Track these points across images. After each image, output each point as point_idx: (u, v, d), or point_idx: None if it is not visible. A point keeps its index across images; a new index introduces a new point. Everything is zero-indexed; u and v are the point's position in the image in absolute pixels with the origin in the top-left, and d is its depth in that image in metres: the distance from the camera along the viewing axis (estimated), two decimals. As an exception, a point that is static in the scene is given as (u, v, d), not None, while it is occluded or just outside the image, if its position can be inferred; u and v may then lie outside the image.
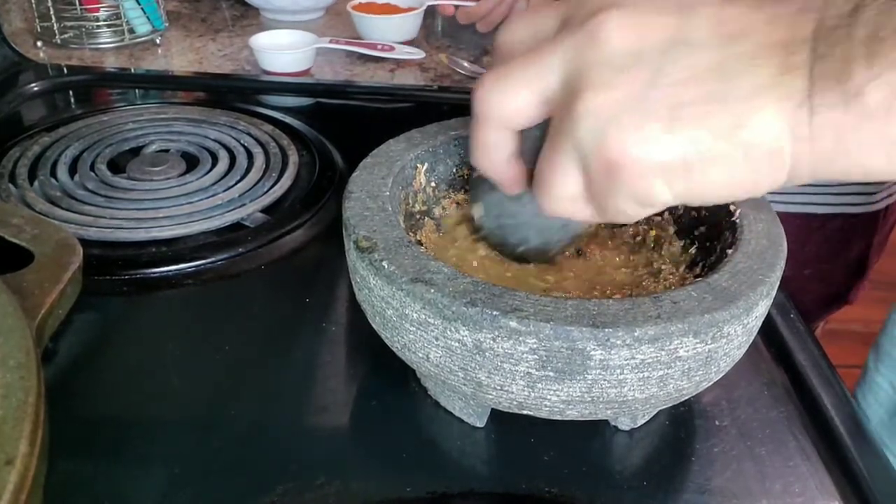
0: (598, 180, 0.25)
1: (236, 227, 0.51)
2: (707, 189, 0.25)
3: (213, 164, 0.57)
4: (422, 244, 0.39)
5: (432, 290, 0.29)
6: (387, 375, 0.39)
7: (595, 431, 0.37)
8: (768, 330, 0.44)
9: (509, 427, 0.36)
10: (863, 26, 0.22)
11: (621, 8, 0.25)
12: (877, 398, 0.55)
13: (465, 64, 0.82)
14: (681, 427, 0.37)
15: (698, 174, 0.24)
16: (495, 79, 0.27)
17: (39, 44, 0.83)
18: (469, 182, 0.40)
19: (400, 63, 0.83)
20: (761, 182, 0.24)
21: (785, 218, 0.36)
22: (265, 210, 0.53)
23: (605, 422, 0.37)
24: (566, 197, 0.27)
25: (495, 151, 0.29)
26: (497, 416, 0.36)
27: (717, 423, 0.38)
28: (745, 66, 0.23)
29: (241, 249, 0.49)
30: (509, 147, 0.29)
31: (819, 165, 0.23)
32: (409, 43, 0.85)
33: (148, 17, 0.85)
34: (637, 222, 0.41)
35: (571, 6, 0.27)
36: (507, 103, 0.27)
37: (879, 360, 0.56)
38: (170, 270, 0.47)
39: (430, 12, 0.92)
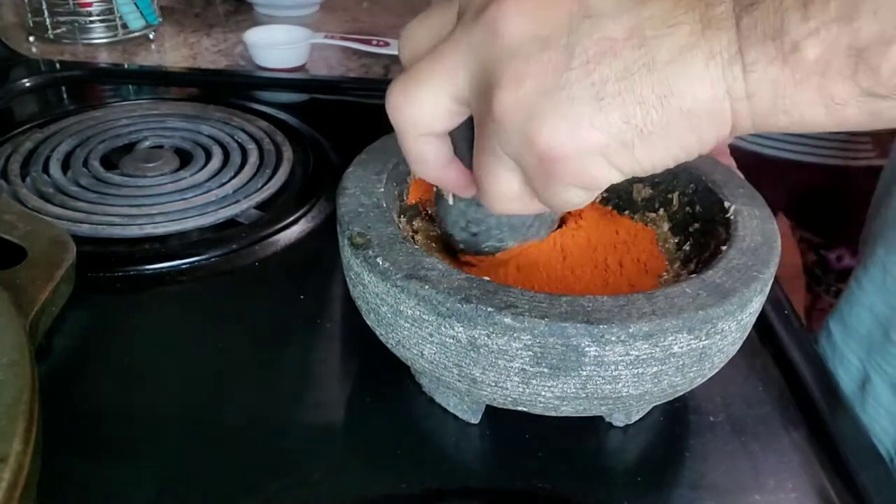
0: (535, 176, 0.24)
1: (230, 223, 0.51)
2: (653, 159, 0.23)
3: (207, 161, 0.57)
4: (416, 235, 0.39)
5: (427, 287, 0.29)
6: (381, 372, 0.39)
7: (590, 427, 0.37)
8: (763, 326, 0.44)
9: (504, 423, 0.36)
10: None
11: None
12: (847, 372, 0.56)
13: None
14: (675, 423, 0.37)
15: (640, 148, 0.23)
16: (402, 87, 0.26)
17: (32, 39, 0.82)
18: (434, 200, 0.38)
19: (395, 58, 0.83)
20: (705, 140, 0.23)
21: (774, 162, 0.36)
22: (259, 206, 0.53)
23: (600, 418, 0.37)
24: (510, 197, 0.26)
25: (427, 160, 0.28)
26: (492, 413, 0.36)
27: (711, 418, 0.38)
28: (662, 29, 0.22)
29: (234, 246, 0.48)
30: (440, 152, 0.28)
31: (760, 119, 0.22)
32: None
33: (141, 13, 0.84)
34: (632, 219, 0.41)
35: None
36: (420, 111, 0.26)
37: (848, 334, 0.57)
38: (163, 267, 0.46)
39: (424, 6, 0.91)
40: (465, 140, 0.28)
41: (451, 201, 0.35)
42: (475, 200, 0.32)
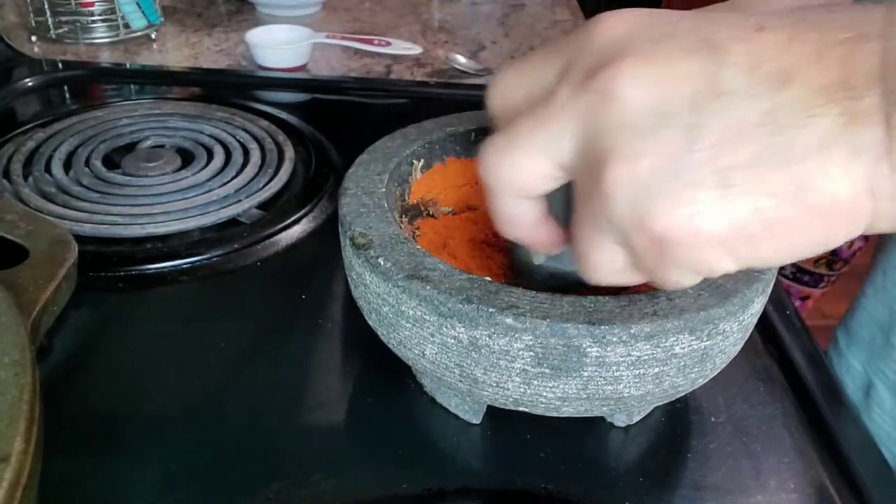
0: (645, 257, 0.23)
1: (232, 223, 0.51)
2: (775, 254, 0.22)
3: (209, 160, 0.57)
4: (417, 231, 0.39)
5: (428, 287, 0.29)
6: (383, 372, 0.39)
7: (591, 428, 0.37)
8: (764, 326, 0.44)
9: (505, 423, 0.36)
10: None
11: (635, 56, 0.21)
12: (852, 379, 0.56)
13: (462, 59, 0.81)
14: (677, 423, 0.37)
15: (764, 242, 0.21)
16: (501, 147, 0.24)
17: (34, 39, 0.83)
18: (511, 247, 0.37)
19: (397, 58, 0.83)
20: (836, 239, 0.21)
21: None
22: (261, 206, 0.53)
23: (601, 418, 0.37)
24: (611, 271, 0.24)
25: (518, 221, 0.27)
26: (493, 413, 0.36)
27: (712, 419, 0.38)
28: (800, 117, 0.20)
29: (236, 245, 0.48)
30: (532, 214, 0.26)
31: None
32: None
33: (143, 12, 0.84)
34: None
35: (570, 52, 0.23)
36: (519, 174, 0.24)
37: (852, 341, 0.57)
38: (165, 267, 0.46)
39: (427, 5, 0.92)
40: (559, 198, 0.27)
41: (536, 261, 0.33)
42: (560, 254, 0.31)
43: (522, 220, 0.27)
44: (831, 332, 0.62)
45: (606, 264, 0.24)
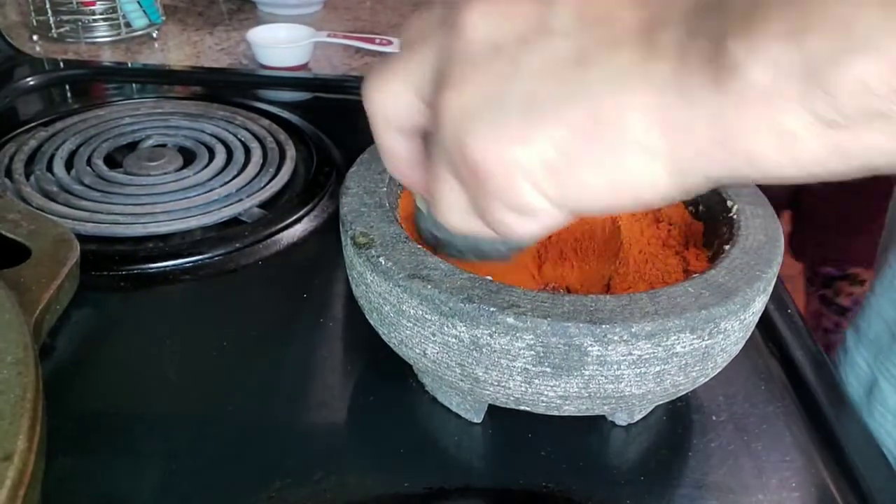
0: (469, 188, 0.23)
1: (233, 222, 0.51)
2: (583, 193, 0.22)
3: (210, 159, 0.57)
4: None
5: (429, 287, 0.29)
6: (385, 371, 0.39)
7: (592, 427, 0.37)
8: (766, 325, 0.44)
9: (507, 422, 0.36)
10: None
11: None
12: (857, 377, 0.56)
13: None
14: (678, 422, 0.37)
15: (567, 176, 0.21)
16: (375, 77, 0.25)
17: (35, 38, 0.83)
18: None
19: (397, 57, 0.82)
20: (640, 185, 0.21)
21: None
22: (262, 205, 0.53)
23: (603, 417, 0.37)
24: (455, 210, 0.25)
25: (395, 156, 0.27)
26: (494, 412, 0.36)
27: (714, 418, 0.38)
28: (606, 53, 0.20)
29: (238, 245, 0.49)
30: (407, 150, 0.27)
31: (704, 163, 0.20)
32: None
33: (144, 11, 0.84)
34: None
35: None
36: (386, 102, 0.25)
37: (859, 340, 0.57)
38: (167, 266, 0.47)
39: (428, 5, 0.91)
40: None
41: (422, 208, 0.33)
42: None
43: (398, 156, 0.27)
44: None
45: (452, 203, 0.25)
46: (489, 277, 0.30)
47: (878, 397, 0.53)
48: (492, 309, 0.28)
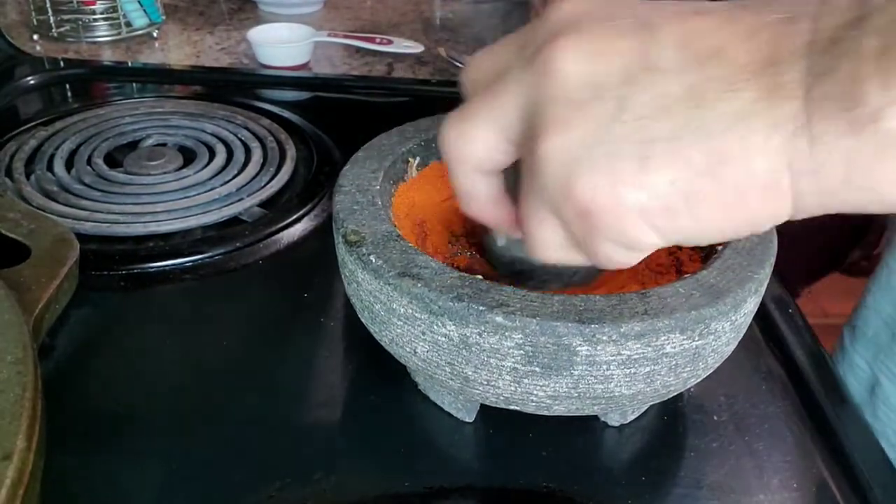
0: (574, 228, 0.23)
1: (234, 221, 0.51)
2: (699, 229, 0.22)
3: (211, 159, 0.57)
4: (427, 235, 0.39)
5: (419, 285, 0.29)
6: (384, 370, 0.39)
7: (585, 427, 0.37)
8: (766, 324, 0.44)
9: (498, 422, 0.36)
10: (873, 37, 0.18)
11: (577, 33, 0.22)
12: (857, 377, 0.56)
13: (464, 57, 0.81)
14: (679, 422, 0.37)
15: (684, 215, 0.21)
16: (456, 120, 0.25)
17: (36, 37, 0.83)
18: (482, 234, 0.37)
19: (398, 57, 0.83)
20: (760, 218, 0.22)
21: None
22: (263, 204, 0.53)
23: (596, 417, 0.37)
24: (552, 245, 0.25)
25: (475, 196, 0.27)
26: (486, 412, 0.36)
27: (714, 418, 0.38)
28: (722, 92, 0.20)
29: (238, 244, 0.49)
30: (488, 190, 0.27)
31: (828, 198, 0.20)
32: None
33: (145, 11, 0.84)
34: None
35: (527, 33, 0.24)
36: (470, 147, 0.25)
37: (856, 338, 0.57)
38: (167, 265, 0.47)
39: (428, 4, 0.92)
40: (516, 179, 0.27)
41: (499, 242, 0.34)
42: (520, 240, 0.31)
43: (478, 196, 0.27)
44: (831, 330, 0.62)
45: (548, 239, 0.25)
46: (479, 277, 0.30)
47: (880, 397, 0.53)
48: (481, 308, 0.28)
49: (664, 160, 0.21)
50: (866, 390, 0.55)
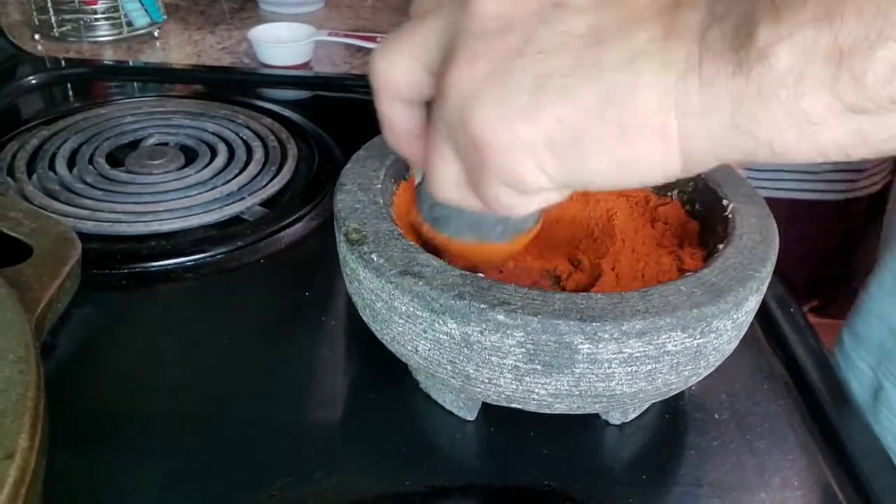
0: (468, 163, 0.23)
1: (235, 220, 0.51)
2: (585, 172, 0.22)
3: (212, 158, 0.57)
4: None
5: (421, 283, 0.29)
6: (386, 369, 0.39)
7: (587, 425, 0.37)
8: (768, 323, 0.44)
9: (500, 420, 0.36)
10: None
11: None
12: (859, 381, 0.55)
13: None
14: (680, 420, 0.37)
15: (571, 155, 0.21)
16: (382, 47, 0.25)
17: (37, 37, 0.83)
18: None
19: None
20: (648, 166, 0.21)
21: (771, 204, 0.36)
22: (264, 203, 0.53)
23: (597, 415, 0.37)
24: (449, 182, 0.25)
25: (395, 127, 0.27)
26: (488, 410, 0.36)
27: (716, 416, 0.38)
28: (623, 31, 0.20)
29: (240, 243, 0.49)
30: (409, 121, 0.26)
31: (717, 146, 0.20)
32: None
33: (146, 10, 0.85)
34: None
35: None
36: (393, 72, 0.25)
37: (858, 343, 0.56)
38: (168, 264, 0.47)
39: None
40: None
41: (417, 179, 0.33)
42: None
43: (398, 126, 0.27)
44: (825, 329, 0.62)
45: (446, 175, 0.25)
46: (481, 275, 0.30)
47: (884, 402, 0.53)
48: (482, 306, 0.28)
49: (555, 96, 0.21)
50: (870, 395, 0.55)
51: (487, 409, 0.36)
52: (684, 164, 0.21)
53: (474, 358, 0.30)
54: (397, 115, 0.27)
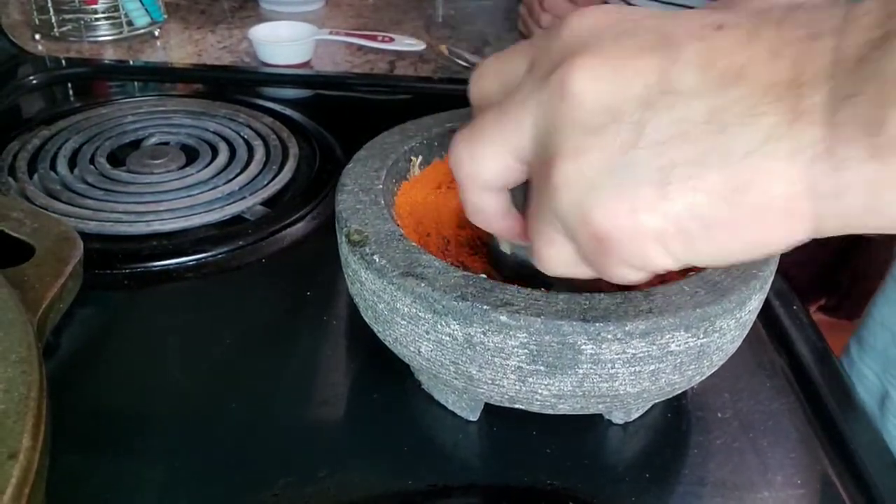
0: (588, 251, 0.23)
1: (237, 219, 0.51)
2: (713, 253, 0.22)
3: (213, 157, 0.57)
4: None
5: (423, 284, 0.29)
6: (387, 369, 0.39)
7: (590, 425, 0.37)
8: (771, 321, 0.44)
9: (502, 420, 0.36)
10: None
11: (593, 52, 0.21)
12: (866, 389, 0.55)
13: (466, 55, 0.81)
14: (683, 420, 0.37)
15: (701, 240, 0.21)
16: (466, 140, 0.25)
17: (38, 36, 0.83)
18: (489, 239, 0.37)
19: (400, 54, 0.82)
20: (777, 243, 0.21)
21: None
22: (265, 203, 0.53)
23: (600, 415, 0.37)
24: (561, 263, 0.25)
25: (484, 212, 0.27)
26: (490, 410, 0.36)
27: (719, 415, 0.38)
28: (744, 116, 0.19)
29: (241, 242, 0.49)
30: (497, 206, 0.27)
31: (850, 221, 0.20)
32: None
33: (146, 9, 0.84)
34: None
35: (538, 47, 0.24)
36: (481, 167, 0.25)
37: (864, 350, 0.56)
38: (170, 264, 0.47)
39: (430, 1, 0.91)
40: (523, 191, 0.27)
41: (506, 250, 0.34)
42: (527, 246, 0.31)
43: (487, 212, 0.27)
44: (838, 330, 0.62)
45: (556, 256, 0.25)
46: (483, 276, 0.30)
47: (890, 409, 0.53)
48: (485, 307, 0.28)
49: (684, 186, 0.20)
50: (876, 403, 0.54)
51: (490, 410, 0.36)
52: (813, 236, 0.21)
53: (477, 359, 0.30)
54: (485, 203, 0.27)
